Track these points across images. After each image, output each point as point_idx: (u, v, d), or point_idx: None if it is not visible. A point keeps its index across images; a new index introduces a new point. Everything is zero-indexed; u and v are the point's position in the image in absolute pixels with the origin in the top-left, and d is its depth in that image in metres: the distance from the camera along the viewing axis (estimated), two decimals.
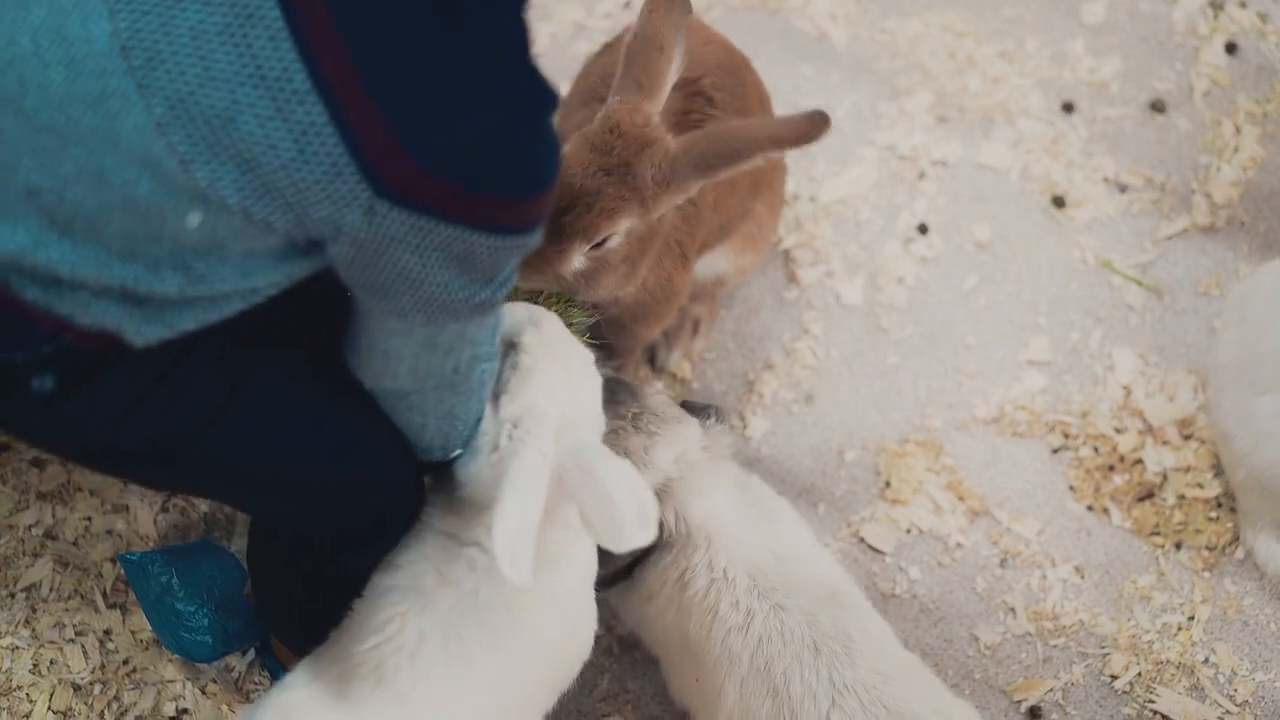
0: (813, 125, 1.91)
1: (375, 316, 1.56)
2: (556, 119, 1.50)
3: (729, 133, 1.98)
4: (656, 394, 2.21)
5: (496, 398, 1.83)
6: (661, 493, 2.10)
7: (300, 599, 2.09)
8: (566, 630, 1.97)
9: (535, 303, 2.14)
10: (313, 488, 1.80)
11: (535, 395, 1.82)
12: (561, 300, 2.16)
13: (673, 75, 2.05)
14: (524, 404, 1.81)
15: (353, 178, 1.36)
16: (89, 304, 1.45)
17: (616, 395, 2.15)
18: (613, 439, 2.10)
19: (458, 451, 1.86)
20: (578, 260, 2.00)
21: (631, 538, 1.68)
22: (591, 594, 2.02)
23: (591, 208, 1.95)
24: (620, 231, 2.00)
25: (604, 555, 2.02)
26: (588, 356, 1.96)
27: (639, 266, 2.12)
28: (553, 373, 1.86)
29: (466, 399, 1.75)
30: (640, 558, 2.13)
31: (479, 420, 1.82)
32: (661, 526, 2.10)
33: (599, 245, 2.01)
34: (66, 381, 1.51)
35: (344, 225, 1.40)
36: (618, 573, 2.14)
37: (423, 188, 1.38)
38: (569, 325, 2.13)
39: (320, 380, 1.73)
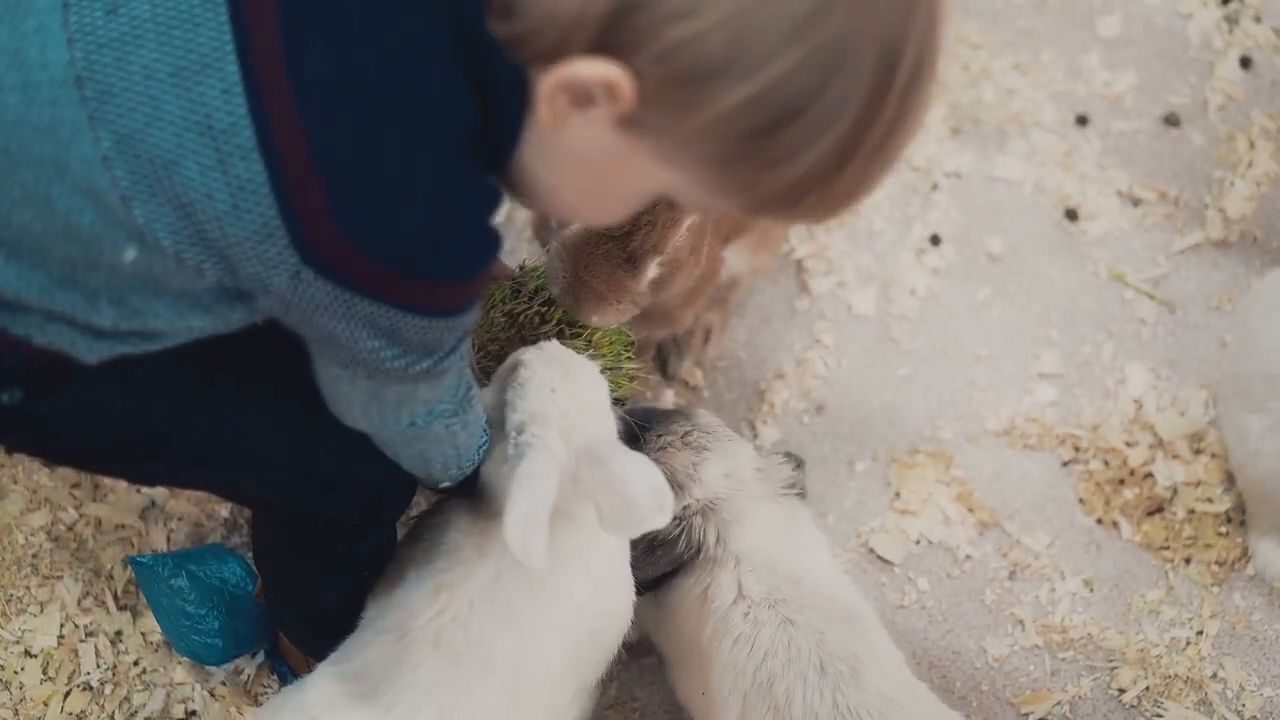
0: None
1: (322, 362, 1.56)
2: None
3: None
4: (706, 414, 2.21)
5: (504, 420, 1.85)
6: (707, 510, 2.09)
7: (308, 594, 2.10)
8: (603, 596, 1.98)
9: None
10: (298, 478, 1.81)
11: (534, 402, 1.84)
12: (615, 344, 2.17)
13: None
14: (525, 411, 1.83)
15: (281, 241, 1.35)
16: (43, 326, 1.45)
17: (668, 419, 2.14)
18: (660, 456, 2.10)
19: (445, 484, 1.88)
20: (652, 272, 2.01)
21: (647, 518, 1.69)
22: (627, 566, 2.02)
23: (655, 223, 1.95)
24: (683, 229, 2.01)
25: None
26: (590, 365, 1.98)
27: (701, 252, 2.13)
28: (550, 379, 1.87)
29: (437, 445, 1.75)
30: (671, 574, 2.13)
31: (464, 461, 1.84)
32: (699, 545, 2.11)
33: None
34: (34, 393, 1.51)
35: (271, 285, 1.39)
36: (647, 585, 2.14)
37: (350, 265, 1.37)
38: (619, 368, 2.16)
39: (297, 376, 1.70)
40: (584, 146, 1.39)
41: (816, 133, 1.30)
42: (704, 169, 1.36)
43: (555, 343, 1.98)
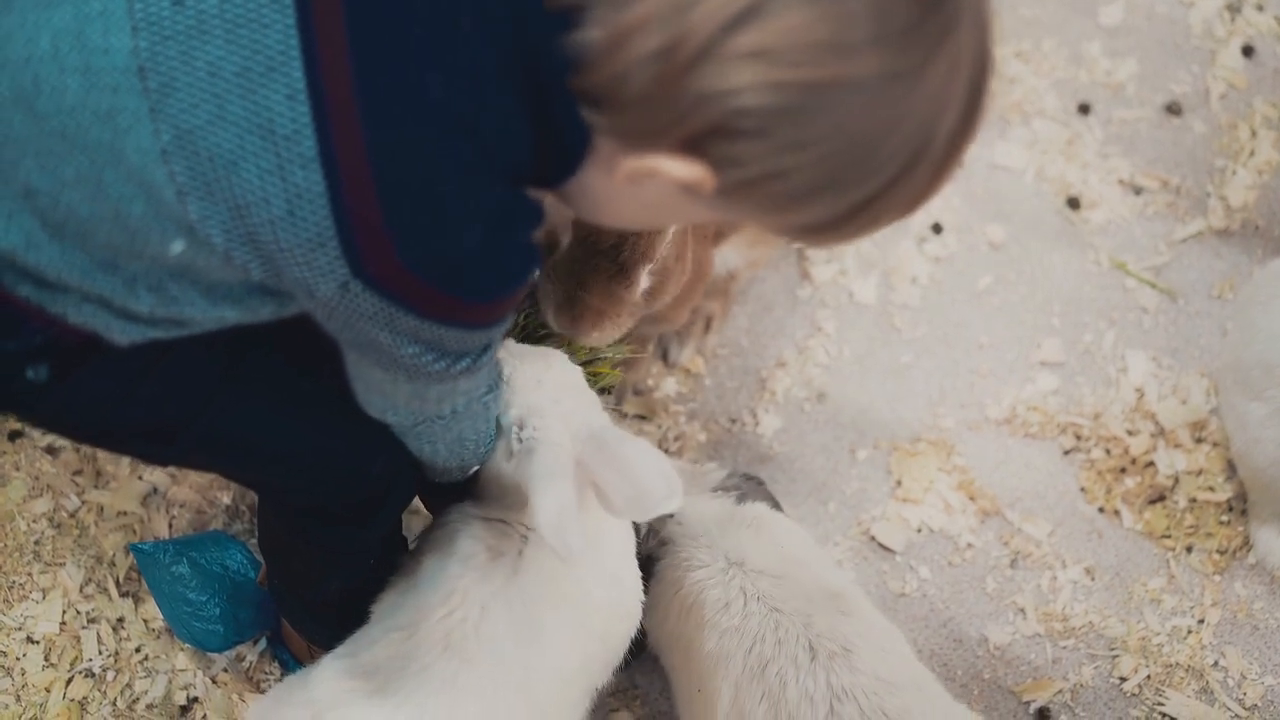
0: None
1: (363, 365, 1.57)
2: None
3: None
4: None
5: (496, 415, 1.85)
6: None
7: (313, 582, 2.10)
8: (615, 595, 1.99)
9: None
10: (310, 467, 1.82)
11: (527, 395, 1.84)
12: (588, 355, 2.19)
13: None
14: (520, 406, 1.83)
15: (333, 252, 1.35)
16: (79, 305, 1.46)
17: None
18: None
19: (475, 468, 1.88)
20: (644, 281, 2.03)
21: (660, 503, 1.71)
22: (635, 564, 2.04)
23: (641, 234, 1.96)
24: (669, 237, 2.03)
25: None
26: (558, 352, 1.98)
27: (688, 254, 2.15)
28: (535, 369, 1.87)
29: (474, 422, 1.76)
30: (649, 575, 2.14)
31: (491, 438, 1.84)
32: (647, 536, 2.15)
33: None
34: (59, 370, 1.52)
35: (317, 291, 1.40)
36: None
37: (400, 282, 1.39)
38: (601, 358, 2.18)
39: (315, 368, 1.73)
40: (644, 195, 1.43)
41: (883, 214, 1.39)
42: (754, 218, 1.44)
43: (512, 341, 1.98)
